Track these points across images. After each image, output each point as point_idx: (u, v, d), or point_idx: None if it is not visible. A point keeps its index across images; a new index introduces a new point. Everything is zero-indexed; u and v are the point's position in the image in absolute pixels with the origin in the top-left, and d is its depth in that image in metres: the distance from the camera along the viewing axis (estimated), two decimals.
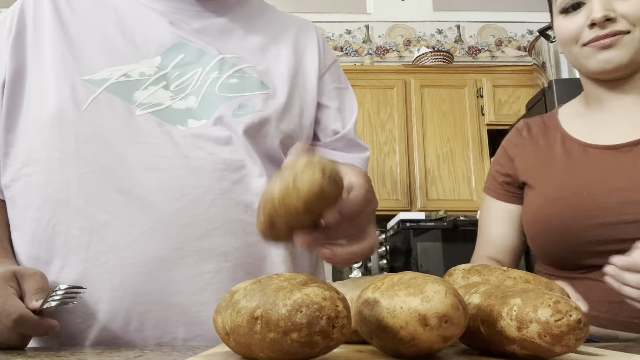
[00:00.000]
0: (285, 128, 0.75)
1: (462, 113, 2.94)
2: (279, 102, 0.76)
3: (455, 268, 0.52)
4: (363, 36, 3.45)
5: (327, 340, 0.34)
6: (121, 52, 0.71)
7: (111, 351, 0.54)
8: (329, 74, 0.86)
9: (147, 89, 0.70)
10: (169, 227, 0.64)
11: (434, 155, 2.89)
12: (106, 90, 0.68)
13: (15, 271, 0.60)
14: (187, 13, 0.77)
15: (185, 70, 0.72)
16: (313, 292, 0.35)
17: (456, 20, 3.49)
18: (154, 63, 0.72)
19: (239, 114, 0.71)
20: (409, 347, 0.36)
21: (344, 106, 0.86)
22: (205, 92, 0.72)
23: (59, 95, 0.67)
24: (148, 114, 0.68)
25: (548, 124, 0.95)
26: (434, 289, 0.35)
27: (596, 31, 0.82)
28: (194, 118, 0.70)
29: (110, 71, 0.70)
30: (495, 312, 0.38)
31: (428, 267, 2.55)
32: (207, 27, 0.77)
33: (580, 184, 0.83)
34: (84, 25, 0.73)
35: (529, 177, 0.91)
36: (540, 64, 2.57)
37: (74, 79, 0.68)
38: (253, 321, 0.36)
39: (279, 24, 0.85)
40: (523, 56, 3.38)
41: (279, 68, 0.79)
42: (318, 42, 0.87)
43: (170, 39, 0.73)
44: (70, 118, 0.67)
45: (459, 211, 2.75)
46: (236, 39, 0.79)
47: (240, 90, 0.74)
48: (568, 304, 0.36)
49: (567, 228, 0.82)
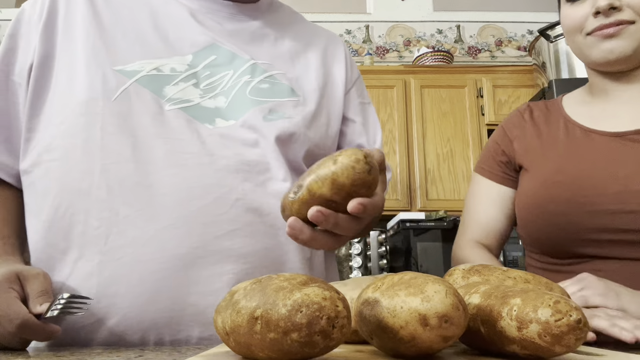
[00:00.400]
0: (312, 136, 0.75)
1: (462, 113, 2.94)
2: (308, 110, 0.76)
3: (455, 268, 0.52)
4: (363, 36, 3.45)
5: (327, 340, 0.34)
6: (154, 46, 0.71)
7: (111, 351, 0.53)
8: (354, 89, 0.87)
9: (178, 85, 0.70)
10: (190, 225, 0.64)
11: (434, 155, 2.89)
12: (137, 82, 0.68)
13: (19, 272, 0.60)
14: (220, 14, 0.78)
15: (216, 70, 0.72)
16: (313, 292, 0.35)
17: (456, 20, 3.49)
18: (186, 60, 0.72)
19: (270, 119, 0.72)
20: (409, 347, 0.36)
21: (368, 121, 0.87)
22: (235, 94, 0.72)
23: (90, 83, 0.67)
24: (177, 109, 0.68)
25: (551, 109, 0.93)
26: (434, 289, 0.35)
27: (600, 20, 0.80)
28: (222, 118, 0.70)
29: (142, 63, 0.69)
30: (495, 312, 0.38)
31: (428, 267, 2.55)
32: (240, 30, 0.78)
33: (581, 169, 0.81)
34: (117, 16, 0.72)
35: (526, 160, 0.89)
36: (540, 64, 2.57)
37: (105, 69, 0.68)
38: (253, 321, 0.36)
39: (308, 34, 0.86)
40: (523, 56, 3.38)
41: (308, 77, 0.80)
42: (345, 56, 0.88)
43: (204, 40, 0.74)
44: (99, 107, 0.66)
45: (459, 211, 2.75)
46: (267, 44, 0.79)
47: (271, 96, 0.74)
48: (568, 304, 0.36)
49: (563, 214, 0.79)
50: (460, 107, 2.96)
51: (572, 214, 0.78)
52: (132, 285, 0.62)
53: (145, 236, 0.63)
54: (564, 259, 0.82)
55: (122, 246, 0.63)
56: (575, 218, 0.78)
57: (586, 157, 0.82)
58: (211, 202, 0.65)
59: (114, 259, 0.63)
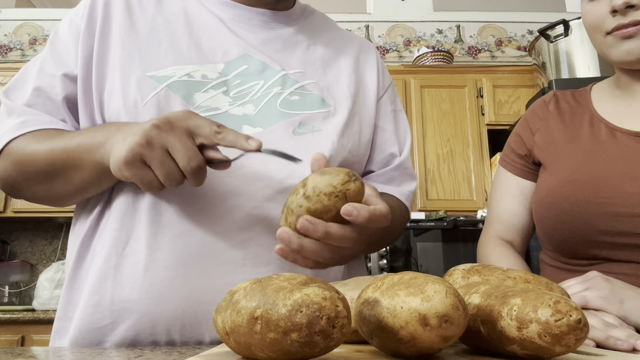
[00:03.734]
0: (345, 144, 0.75)
1: (462, 113, 2.94)
2: (340, 119, 0.76)
3: (455, 268, 0.52)
4: (363, 36, 3.45)
5: (327, 340, 0.34)
6: (186, 53, 0.72)
7: (111, 351, 0.54)
8: (386, 96, 0.87)
9: (208, 92, 0.70)
10: (204, 232, 0.64)
11: (434, 155, 2.89)
12: (168, 87, 0.69)
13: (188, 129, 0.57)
14: (253, 22, 0.78)
15: (247, 79, 0.73)
16: (313, 292, 0.35)
17: (456, 20, 3.49)
18: (217, 69, 0.72)
19: (299, 132, 0.72)
20: (409, 347, 0.36)
21: (399, 129, 0.87)
22: (265, 104, 0.72)
23: (125, 91, 0.68)
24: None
25: (579, 100, 0.90)
26: (434, 289, 0.35)
27: (618, 19, 0.78)
28: (250, 125, 0.70)
29: (174, 69, 0.70)
30: (495, 312, 0.38)
31: (428, 267, 2.55)
32: (272, 38, 0.78)
33: (601, 168, 0.78)
34: (152, 24, 0.73)
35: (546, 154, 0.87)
36: (540, 64, 2.57)
37: (138, 75, 0.68)
38: (253, 321, 0.36)
39: (340, 40, 0.86)
40: (523, 56, 3.38)
41: (339, 84, 0.80)
42: (377, 63, 0.87)
43: (236, 50, 0.74)
44: (132, 113, 0.67)
45: (459, 211, 2.75)
46: (299, 51, 0.80)
47: (302, 108, 0.74)
48: (568, 304, 0.36)
49: (579, 213, 0.77)
50: (460, 107, 2.96)
51: (588, 214, 0.76)
52: (144, 292, 0.63)
53: (159, 242, 0.64)
54: (577, 259, 0.80)
55: (137, 251, 0.64)
56: (591, 219, 0.76)
57: (608, 156, 0.79)
58: (227, 210, 0.65)
59: (130, 263, 0.64)
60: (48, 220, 3.07)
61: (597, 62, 2.32)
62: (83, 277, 0.67)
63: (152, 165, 0.55)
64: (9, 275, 2.90)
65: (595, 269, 0.75)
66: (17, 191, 0.71)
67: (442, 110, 2.95)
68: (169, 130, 0.55)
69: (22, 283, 2.96)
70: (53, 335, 0.68)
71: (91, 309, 0.64)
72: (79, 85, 0.70)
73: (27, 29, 3.38)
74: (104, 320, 0.63)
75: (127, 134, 0.56)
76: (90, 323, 0.63)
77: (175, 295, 0.62)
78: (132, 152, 0.54)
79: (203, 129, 0.55)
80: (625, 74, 0.85)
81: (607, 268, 0.75)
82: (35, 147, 0.65)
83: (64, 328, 0.67)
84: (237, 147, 0.56)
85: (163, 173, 0.55)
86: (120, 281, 0.63)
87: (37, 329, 2.39)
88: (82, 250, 0.69)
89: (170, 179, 0.55)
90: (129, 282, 0.63)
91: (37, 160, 0.65)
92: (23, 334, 2.39)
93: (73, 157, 0.63)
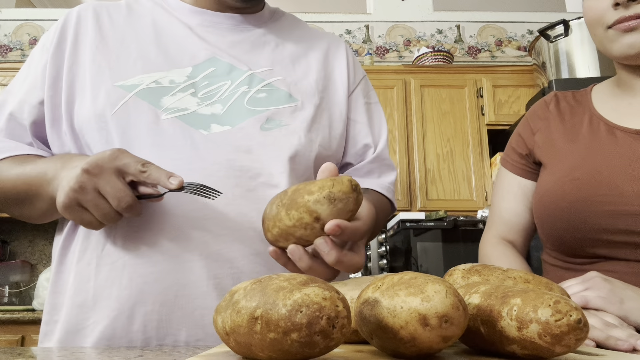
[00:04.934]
0: (315, 137, 0.76)
1: (462, 113, 2.94)
2: (307, 113, 0.77)
3: (455, 268, 0.52)
4: (363, 36, 3.45)
5: (327, 340, 0.34)
6: (155, 61, 0.74)
7: (111, 351, 0.54)
8: (359, 89, 0.88)
9: (175, 95, 0.72)
10: (179, 230, 0.65)
11: (434, 155, 2.89)
12: (136, 95, 0.70)
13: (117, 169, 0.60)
14: (221, 26, 0.80)
15: (214, 81, 0.74)
16: (313, 292, 0.35)
17: (456, 20, 3.49)
18: (185, 72, 0.74)
19: (267, 127, 0.73)
20: (409, 347, 0.36)
21: (373, 121, 0.88)
22: (232, 103, 0.73)
23: (94, 100, 0.70)
24: (173, 118, 0.70)
25: (579, 100, 0.90)
26: (434, 289, 0.35)
27: (620, 12, 0.78)
28: (218, 123, 0.71)
29: (142, 78, 0.72)
30: (495, 312, 0.38)
31: (428, 267, 2.55)
32: (241, 40, 0.80)
33: (600, 166, 0.78)
34: (121, 37, 0.76)
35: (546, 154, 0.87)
36: (540, 64, 2.57)
37: (107, 85, 0.71)
38: (253, 321, 0.36)
39: (309, 38, 0.88)
40: (523, 56, 3.38)
41: (308, 80, 0.81)
42: (347, 58, 0.88)
43: (204, 54, 0.76)
44: (102, 122, 0.69)
45: (459, 211, 2.75)
46: (268, 50, 0.81)
47: (268, 104, 0.75)
48: (568, 304, 0.36)
49: (577, 212, 0.77)
50: (460, 107, 2.96)
51: (586, 213, 0.76)
52: (122, 288, 0.64)
53: (136, 241, 0.65)
54: (577, 258, 0.80)
55: (115, 251, 0.66)
56: (589, 217, 0.76)
57: (607, 154, 0.79)
58: (200, 208, 0.66)
59: (108, 262, 0.65)
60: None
61: (597, 62, 2.32)
62: (65, 280, 0.69)
63: (88, 208, 0.59)
64: (9, 275, 2.90)
65: (595, 267, 0.76)
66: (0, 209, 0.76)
67: (442, 110, 2.95)
68: (99, 173, 0.58)
69: (22, 283, 2.96)
70: (41, 339, 0.69)
71: (76, 309, 0.65)
72: (46, 106, 0.72)
73: (27, 29, 3.38)
74: (87, 321, 0.64)
75: (66, 177, 0.60)
76: (75, 324, 0.65)
77: (151, 290, 0.63)
78: (68, 197, 0.59)
79: (129, 167, 0.59)
80: (625, 70, 0.85)
81: (607, 267, 0.76)
82: (5, 175, 0.70)
83: (50, 332, 0.68)
84: (160, 184, 0.59)
85: (99, 214, 0.59)
86: (100, 280, 0.65)
87: (37, 329, 2.38)
88: (62, 254, 0.71)
89: (107, 218, 0.59)
90: (107, 280, 0.65)
91: (6, 187, 0.70)
92: (23, 334, 2.39)
93: (32, 188, 0.68)
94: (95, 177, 0.58)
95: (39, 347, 0.64)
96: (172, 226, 0.65)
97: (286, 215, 0.52)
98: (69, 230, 0.71)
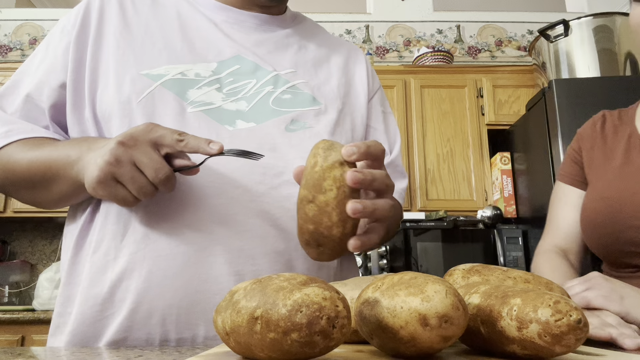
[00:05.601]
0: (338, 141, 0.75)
1: (462, 113, 2.94)
2: (330, 117, 0.78)
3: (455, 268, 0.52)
4: (363, 36, 3.45)
5: (327, 340, 0.34)
6: (180, 53, 0.73)
7: (111, 351, 0.54)
8: (376, 98, 0.89)
9: (201, 89, 0.71)
10: (202, 224, 0.65)
11: (434, 155, 2.89)
12: (162, 85, 0.70)
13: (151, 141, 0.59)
14: (245, 24, 0.80)
15: (240, 78, 0.74)
16: (313, 292, 0.35)
17: (456, 20, 3.49)
18: (210, 67, 0.74)
19: (292, 129, 0.73)
20: (409, 347, 0.36)
21: (389, 129, 0.89)
22: (258, 102, 0.73)
23: (119, 87, 0.69)
24: (199, 111, 0.70)
25: (623, 118, 0.93)
26: (434, 289, 0.35)
27: None
28: (243, 120, 0.71)
29: (168, 68, 0.72)
30: (495, 312, 0.38)
31: (428, 267, 2.55)
32: (265, 40, 0.80)
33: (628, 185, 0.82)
34: (146, 25, 0.75)
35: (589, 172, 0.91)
36: (540, 64, 2.57)
37: (132, 73, 0.70)
38: (253, 321, 0.36)
39: (330, 44, 0.89)
40: (523, 56, 3.38)
41: (330, 85, 0.82)
42: (367, 66, 0.90)
43: (229, 51, 0.76)
44: (126, 110, 0.68)
45: (459, 211, 2.75)
46: (291, 52, 0.81)
47: (293, 106, 0.76)
48: (568, 304, 0.36)
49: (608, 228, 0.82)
50: (460, 107, 2.96)
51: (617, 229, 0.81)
52: (141, 281, 0.63)
53: (157, 233, 0.65)
54: (620, 268, 0.85)
55: (134, 242, 0.65)
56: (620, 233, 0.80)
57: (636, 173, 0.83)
58: (224, 203, 0.66)
59: (128, 253, 0.65)
60: (48, 220, 3.07)
61: (597, 62, 2.32)
62: (80, 271, 0.68)
63: (124, 181, 0.58)
64: (9, 275, 2.90)
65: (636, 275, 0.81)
66: (7, 193, 0.74)
67: (442, 110, 2.95)
68: (134, 145, 0.57)
69: (22, 283, 2.96)
70: (52, 332, 0.68)
71: (91, 301, 0.64)
72: (69, 90, 0.71)
73: (27, 29, 3.38)
74: (103, 313, 0.63)
75: (97, 154, 0.59)
76: (90, 316, 0.64)
77: (172, 284, 0.63)
78: (103, 171, 0.57)
79: (165, 138, 0.58)
80: None
81: None
82: (19, 157, 0.68)
83: (63, 323, 0.67)
84: (200, 152, 0.58)
85: (135, 188, 0.58)
86: (118, 272, 0.64)
87: (37, 329, 2.39)
88: (78, 245, 0.70)
89: (143, 192, 0.58)
90: (126, 272, 0.64)
91: (20, 170, 0.68)
92: (23, 334, 2.39)
93: (51, 170, 0.66)
94: (131, 149, 0.57)
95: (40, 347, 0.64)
96: (196, 219, 0.65)
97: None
98: (85, 220, 0.70)
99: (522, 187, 2.59)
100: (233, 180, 0.67)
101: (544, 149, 2.28)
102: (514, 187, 2.67)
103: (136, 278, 0.63)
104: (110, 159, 0.57)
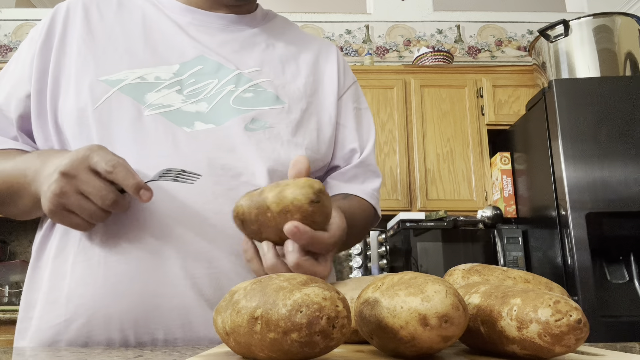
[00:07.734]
0: (301, 141, 0.76)
1: (462, 113, 2.94)
2: (293, 117, 0.76)
3: (455, 268, 0.52)
4: (363, 36, 3.45)
5: (327, 340, 0.34)
6: (142, 57, 0.73)
7: (111, 351, 0.53)
8: (348, 94, 0.87)
9: (160, 92, 0.71)
10: (157, 228, 0.64)
11: (434, 155, 2.89)
12: (119, 90, 0.70)
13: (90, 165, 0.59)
14: (212, 26, 0.80)
15: (201, 79, 0.74)
16: (313, 292, 0.35)
17: (456, 20, 3.49)
18: (172, 69, 0.73)
19: (252, 128, 0.72)
20: (409, 347, 0.36)
21: (362, 126, 0.87)
22: (218, 102, 0.73)
23: (78, 94, 0.69)
24: (156, 114, 0.69)
25: None
26: (434, 289, 0.35)
27: None
28: (202, 121, 0.70)
29: (127, 73, 0.71)
30: (495, 312, 0.38)
31: (428, 267, 2.55)
32: (230, 40, 0.79)
33: None
34: (110, 31, 0.75)
35: None
36: (540, 64, 2.57)
37: (91, 80, 0.70)
38: (253, 321, 0.36)
39: (300, 42, 0.87)
40: (523, 56, 3.38)
41: (296, 84, 0.80)
42: (338, 63, 0.88)
43: (192, 53, 0.75)
44: (83, 118, 0.68)
45: (459, 211, 2.75)
46: (258, 51, 0.80)
47: (255, 104, 0.74)
48: (568, 304, 0.36)
49: None
50: (460, 107, 2.95)
51: None
52: (98, 287, 0.63)
53: (113, 237, 0.64)
54: None
55: (90, 247, 0.65)
56: None
57: None
58: (179, 205, 0.65)
59: (83, 260, 0.64)
60: None
61: (597, 62, 2.32)
62: (41, 276, 0.68)
63: (74, 210, 0.58)
64: (9, 275, 2.90)
65: None
66: None
67: (442, 110, 2.95)
68: (76, 175, 0.58)
69: (22, 283, 2.95)
70: (16, 337, 0.69)
71: (48, 306, 0.64)
72: (32, 99, 0.71)
73: (27, 29, 3.38)
74: (60, 318, 0.63)
75: (46, 181, 0.60)
76: (47, 321, 0.64)
77: (128, 289, 0.62)
78: (53, 204, 0.58)
79: (98, 165, 0.58)
80: None
81: None
82: None
83: (24, 329, 0.67)
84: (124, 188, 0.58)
85: (86, 215, 0.59)
86: (75, 278, 0.64)
87: None
88: (40, 250, 0.70)
89: (94, 218, 0.59)
90: (83, 278, 0.64)
91: None
92: None
93: (13, 187, 0.67)
94: (74, 179, 0.57)
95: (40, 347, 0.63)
96: (152, 223, 0.64)
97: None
98: (47, 226, 0.70)
99: (522, 187, 2.59)
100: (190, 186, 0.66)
101: (544, 149, 2.28)
102: (514, 187, 2.67)
103: (92, 284, 0.63)
104: (56, 190, 0.58)
